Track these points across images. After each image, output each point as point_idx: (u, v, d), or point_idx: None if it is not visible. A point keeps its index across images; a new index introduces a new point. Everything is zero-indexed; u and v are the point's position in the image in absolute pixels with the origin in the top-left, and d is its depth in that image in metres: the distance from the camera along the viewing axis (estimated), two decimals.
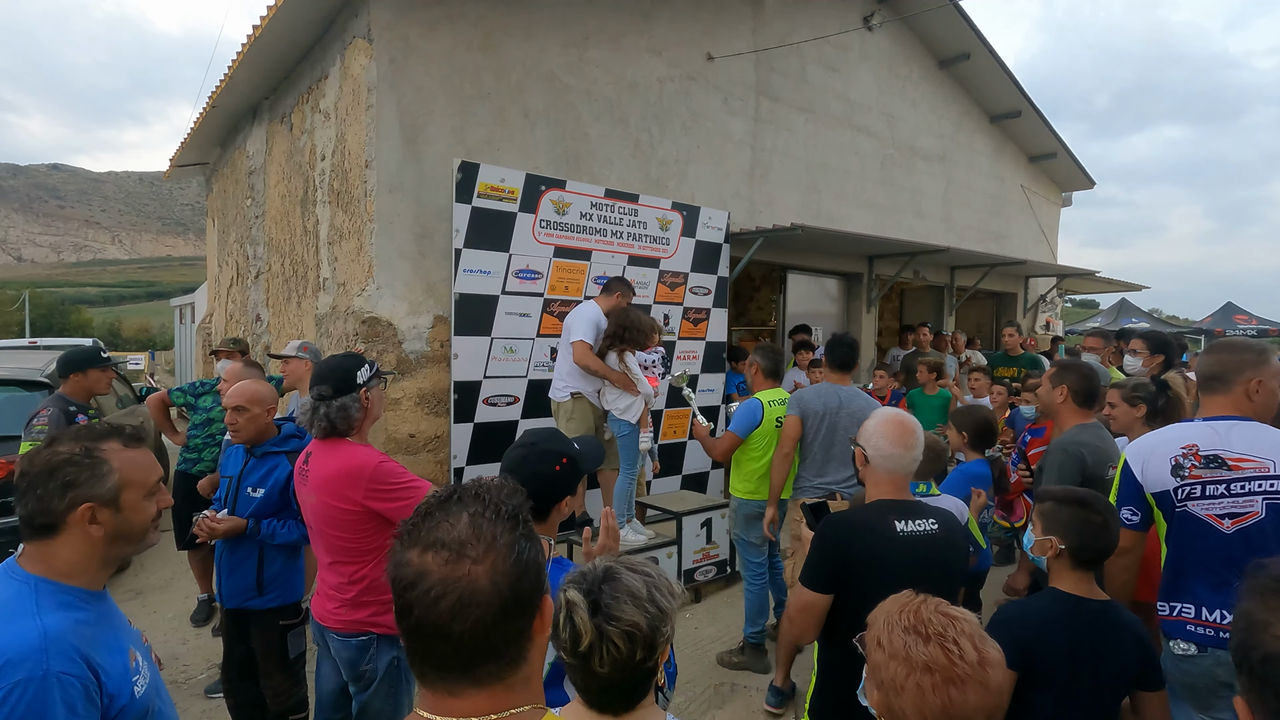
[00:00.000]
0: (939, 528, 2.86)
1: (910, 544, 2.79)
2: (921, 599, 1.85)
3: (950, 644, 1.73)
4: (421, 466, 6.99)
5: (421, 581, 1.28)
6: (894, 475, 2.94)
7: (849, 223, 11.22)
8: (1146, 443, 3.33)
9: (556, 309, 7.51)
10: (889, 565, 2.76)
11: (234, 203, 11.81)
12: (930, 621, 1.78)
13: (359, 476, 3.21)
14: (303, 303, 8.58)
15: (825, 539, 2.89)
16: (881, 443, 2.93)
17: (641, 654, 1.78)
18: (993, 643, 1.78)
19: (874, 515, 2.86)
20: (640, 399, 6.13)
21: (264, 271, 10.12)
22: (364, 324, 6.84)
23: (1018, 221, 15.15)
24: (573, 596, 1.79)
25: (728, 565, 7.16)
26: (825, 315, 11.67)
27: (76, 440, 1.99)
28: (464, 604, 1.27)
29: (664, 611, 1.83)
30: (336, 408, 3.29)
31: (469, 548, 1.30)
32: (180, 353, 23.30)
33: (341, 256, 7.49)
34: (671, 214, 8.41)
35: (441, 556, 1.29)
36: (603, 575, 1.84)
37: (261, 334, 10.11)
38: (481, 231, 7.04)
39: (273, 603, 3.98)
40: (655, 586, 1.84)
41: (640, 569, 1.88)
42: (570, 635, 1.77)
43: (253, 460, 4.05)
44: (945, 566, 2.83)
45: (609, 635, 1.75)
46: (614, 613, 1.77)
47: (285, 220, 9.20)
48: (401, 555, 1.32)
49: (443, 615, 1.27)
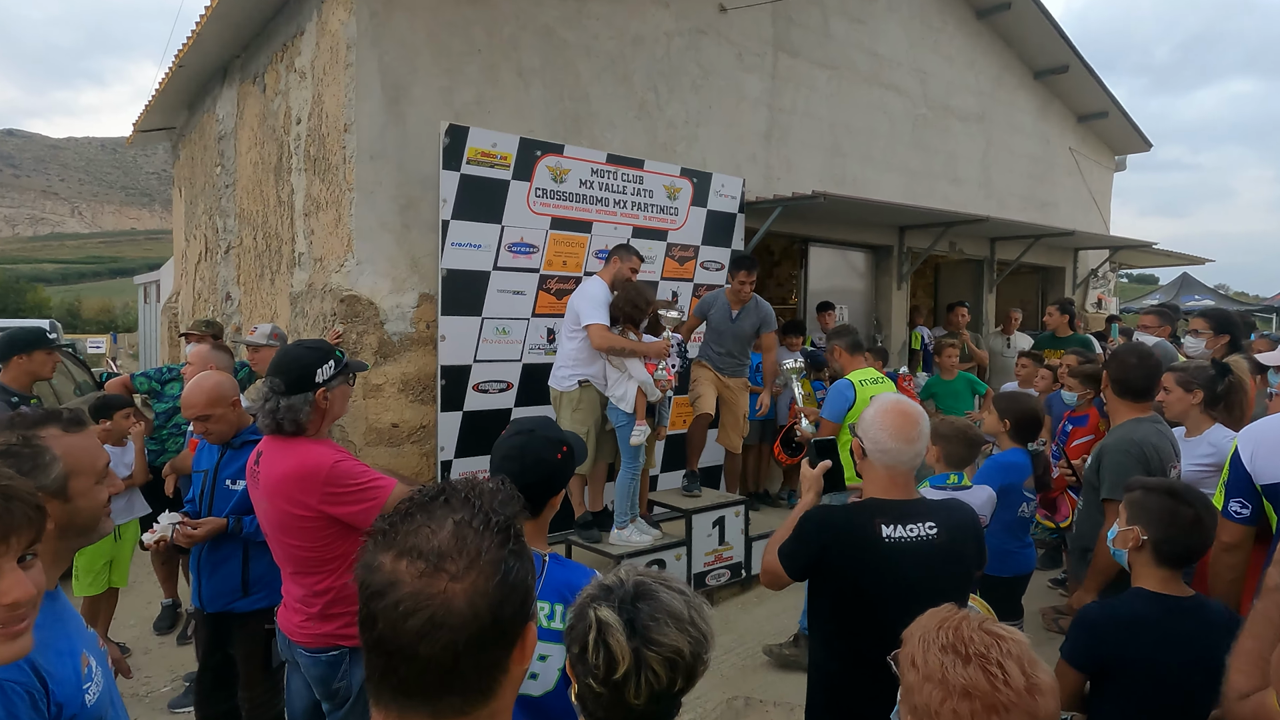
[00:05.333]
0: (938, 532, 2.82)
1: (896, 552, 2.77)
2: (963, 614, 1.81)
3: (993, 666, 1.67)
4: (405, 460, 7.03)
5: (391, 592, 1.25)
6: (892, 471, 2.90)
7: (877, 190, 11.17)
8: (1259, 429, 3.27)
9: (554, 286, 7.54)
10: (868, 574, 2.77)
11: (202, 171, 11.82)
12: (971, 640, 1.72)
13: (313, 478, 3.17)
14: (276, 280, 8.61)
15: (803, 530, 2.93)
16: (879, 435, 2.89)
17: (681, 683, 1.76)
18: (1044, 667, 1.71)
19: (858, 517, 2.85)
20: (633, 383, 6.11)
21: (234, 246, 10.15)
22: (342, 303, 6.87)
23: (1065, 188, 15.05)
24: (606, 616, 1.75)
25: (742, 568, 7.18)
26: (851, 292, 11.63)
27: (11, 429, 1.98)
28: (435, 625, 1.24)
29: (705, 636, 1.80)
30: (285, 407, 3.23)
31: (449, 561, 1.27)
32: (145, 335, 23.35)
33: (318, 229, 7.51)
34: (680, 181, 8.39)
35: (417, 567, 1.26)
36: (636, 591, 1.81)
37: (232, 314, 10.15)
38: (471, 201, 7.04)
39: (259, 604, 3.97)
40: (694, 606, 1.82)
41: (676, 585, 1.85)
42: (604, 661, 1.72)
43: (229, 452, 4.05)
44: (940, 578, 2.77)
45: (649, 661, 1.72)
46: (654, 636, 1.73)
47: (258, 190, 9.21)
48: (373, 558, 1.30)
49: (409, 634, 1.24)
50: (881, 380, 6.07)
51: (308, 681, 3.46)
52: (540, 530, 2.64)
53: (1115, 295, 17.15)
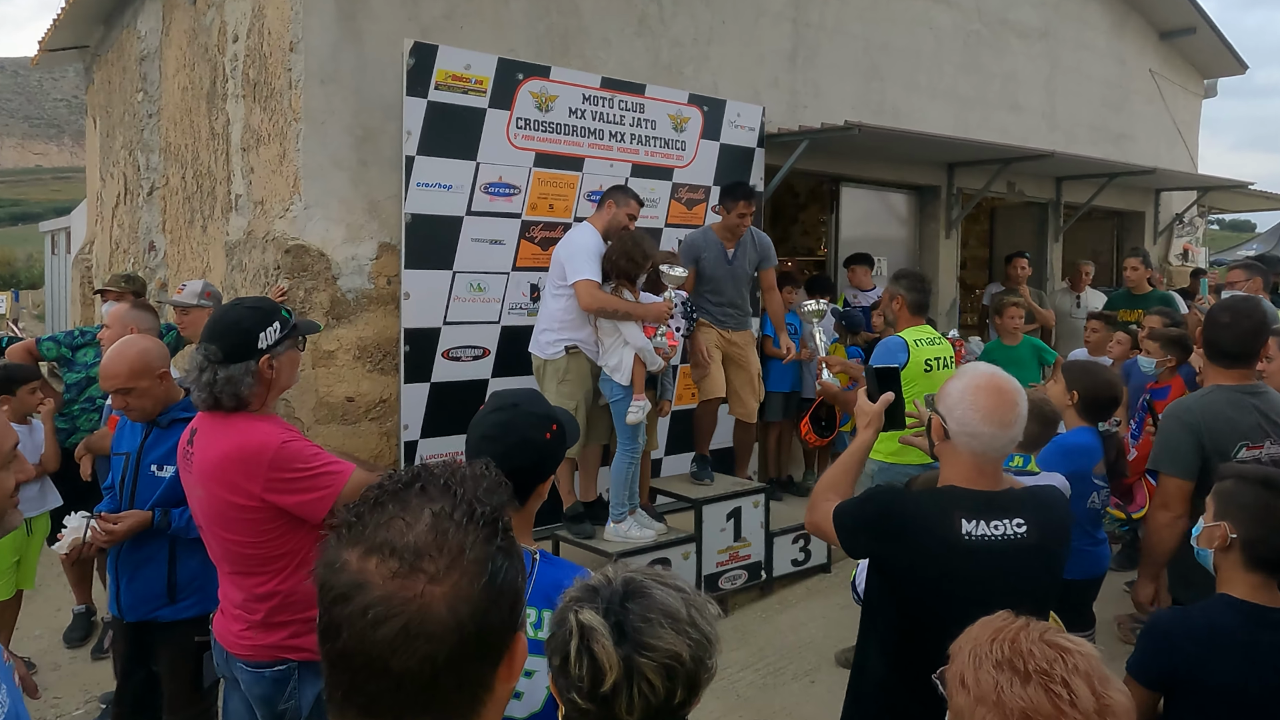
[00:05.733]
0: (1028, 531, 2.79)
1: (978, 554, 2.75)
2: (1021, 624, 1.81)
3: (1058, 685, 1.67)
4: (362, 440, 7.04)
5: (358, 595, 1.24)
6: (979, 460, 2.85)
7: (921, 120, 11.06)
8: None
9: (538, 234, 7.50)
10: (940, 577, 2.78)
11: (121, 97, 11.74)
12: (1031, 655, 1.72)
13: (256, 461, 3.17)
14: (209, 227, 8.57)
15: (865, 510, 2.94)
16: (969, 416, 2.83)
17: (682, 694, 1.77)
18: (1119, 685, 1.72)
19: (935, 508, 2.84)
20: (630, 350, 6.12)
21: (159, 186, 10.10)
22: (288, 254, 6.83)
23: (1145, 117, 14.98)
24: (589, 619, 1.76)
25: (762, 569, 7.21)
26: (891, 241, 11.59)
27: None
28: (410, 634, 1.23)
29: (708, 639, 1.82)
30: (224, 379, 3.21)
31: (427, 560, 1.26)
32: (52, 291, 23.26)
33: (259, 167, 7.47)
34: (688, 109, 8.34)
35: (389, 566, 1.25)
36: (625, 590, 1.82)
37: (156, 267, 10.09)
38: (441, 134, 6.99)
39: (188, 612, 3.99)
40: (694, 605, 1.84)
41: (672, 582, 1.88)
42: (589, 672, 1.74)
43: (155, 431, 4.04)
44: (1027, 586, 2.78)
45: (642, 670, 1.73)
46: (647, 640, 1.75)
47: (187, 120, 9.15)
48: (336, 555, 1.29)
49: (380, 645, 1.23)
50: (939, 342, 6.10)
51: (249, 701, 3.44)
52: (525, 523, 2.65)
53: (1204, 245, 17.12)
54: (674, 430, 8.16)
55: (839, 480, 3.21)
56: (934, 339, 6.05)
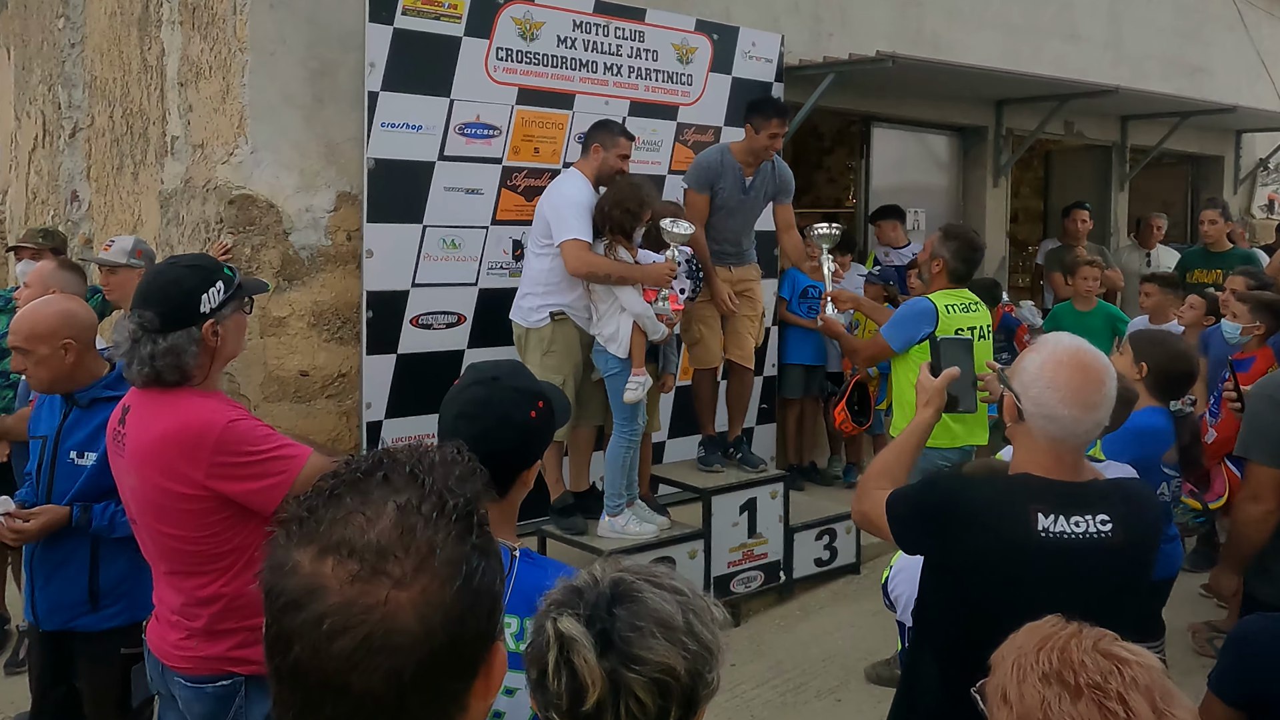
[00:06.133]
0: (1114, 529, 2.77)
1: (1055, 554, 2.73)
2: (1072, 631, 1.81)
3: (1113, 701, 1.67)
4: (318, 420, 7.05)
5: (312, 603, 1.22)
6: (1058, 446, 2.83)
7: (965, 51, 10.95)
8: None
9: (521, 182, 7.49)
10: (1012, 579, 2.76)
11: (39, 24, 11.65)
12: (1083, 666, 1.72)
13: (199, 443, 3.17)
14: (141, 174, 8.52)
15: (924, 500, 2.96)
16: (1047, 395, 2.80)
17: (677, 712, 1.77)
18: (1184, 701, 1.71)
19: (1007, 500, 2.82)
20: (628, 317, 6.10)
21: (83, 127, 10.03)
22: (232, 205, 6.83)
23: (1224, 48, 14.90)
24: (568, 628, 1.76)
25: (781, 570, 7.22)
26: (930, 191, 11.62)
27: None
28: (372, 647, 1.21)
29: (708, 649, 1.81)
30: (163, 348, 3.20)
31: (392, 560, 1.24)
32: None
33: (198, 105, 7.42)
34: (695, 38, 8.32)
35: (347, 569, 1.23)
36: (613, 592, 1.82)
37: (80, 220, 10.04)
38: (409, 67, 6.98)
39: (113, 621, 3.97)
40: (693, 609, 1.83)
41: (668, 583, 1.87)
42: (568, 688, 1.74)
43: (75, 412, 4.03)
44: (1111, 591, 2.77)
45: (630, 686, 1.73)
46: (636, 651, 1.74)
47: (115, 50, 9.07)
48: (286, 555, 1.27)
49: (337, 660, 1.21)
50: (976, 308, 6.10)
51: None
52: (507, 517, 2.65)
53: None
54: (678, 409, 8.09)
55: (893, 466, 3.22)
56: (969, 304, 6.07)
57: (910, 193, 11.17)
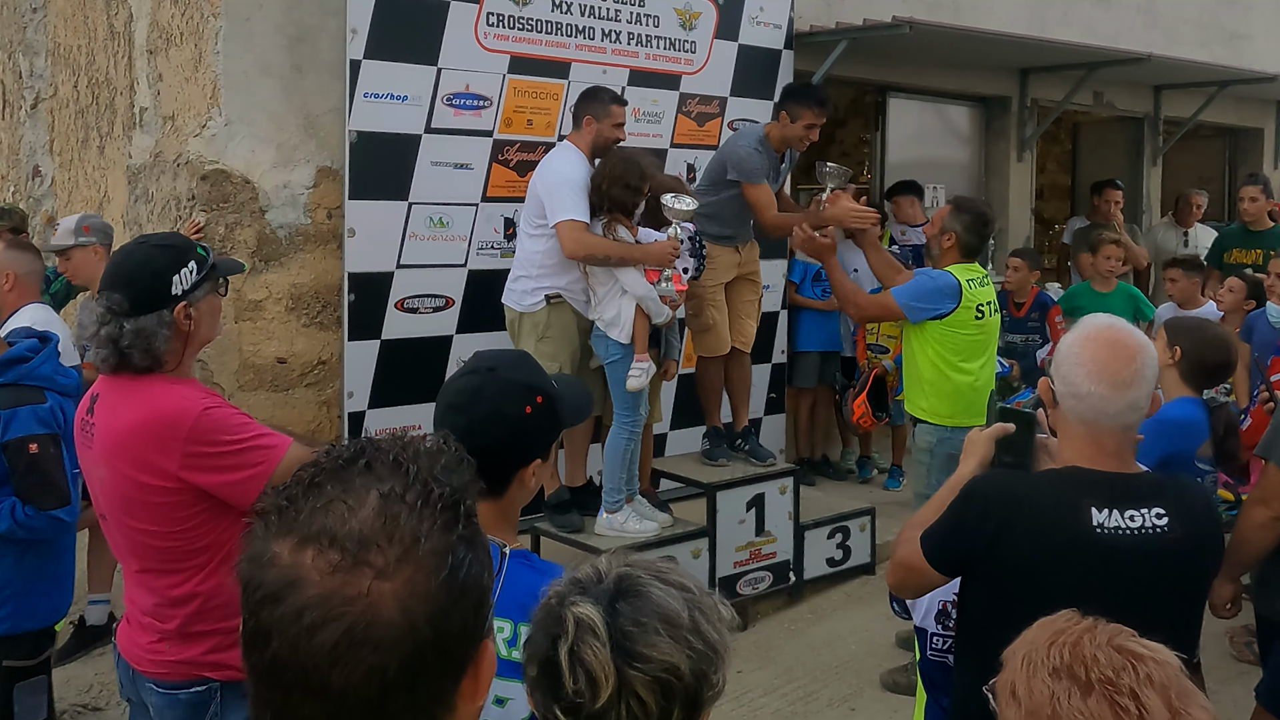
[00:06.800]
0: (1169, 523, 2.74)
1: (1112, 550, 2.72)
2: (1087, 625, 1.83)
3: (1125, 698, 1.67)
4: (297, 410, 7.05)
5: (290, 595, 1.22)
6: (1093, 430, 2.82)
7: (988, 15, 10.98)
8: None
9: (513, 156, 7.50)
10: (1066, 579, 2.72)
11: None
12: (1095, 662, 1.73)
13: (172, 432, 3.16)
14: (107, 148, 8.57)
15: (968, 505, 2.90)
16: (1074, 373, 2.80)
17: (680, 714, 1.79)
18: (1201, 701, 1.72)
19: (1056, 492, 2.81)
20: (630, 300, 6.09)
21: (46, 98, 10.10)
22: (204, 181, 6.83)
23: (1265, 12, 14.95)
24: (587, 614, 1.78)
25: (790, 570, 7.23)
26: (950, 165, 11.73)
27: None
28: (354, 641, 1.20)
29: (714, 649, 1.83)
30: (132, 332, 3.19)
31: (374, 550, 1.24)
32: None
33: (169, 74, 7.38)
34: (699, 3, 8.36)
35: (328, 559, 1.23)
36: (618, 587, 1.84)
37: (42, 196, 10.14)
38: (394, 33, 7.00)
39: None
40: (699, 608, 1.85)
41: (676, 579, 1.90)
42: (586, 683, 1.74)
43: None
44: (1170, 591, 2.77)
45: (631, 684, 1.74)
46: (639, 648, 1.76)
47: (80, 16, 9.09)
48: (264, 547, 1.27)
49: (317, 655, 1.19)
50: (989, 283, 6.34)
51: None
52: (505, 518, 2.66)
53: None
54: (680, 398, 8.18)
55: (927, 519, 3.16)
56: (984, 279, 6.22)
57: (929, 168, 11.23)
